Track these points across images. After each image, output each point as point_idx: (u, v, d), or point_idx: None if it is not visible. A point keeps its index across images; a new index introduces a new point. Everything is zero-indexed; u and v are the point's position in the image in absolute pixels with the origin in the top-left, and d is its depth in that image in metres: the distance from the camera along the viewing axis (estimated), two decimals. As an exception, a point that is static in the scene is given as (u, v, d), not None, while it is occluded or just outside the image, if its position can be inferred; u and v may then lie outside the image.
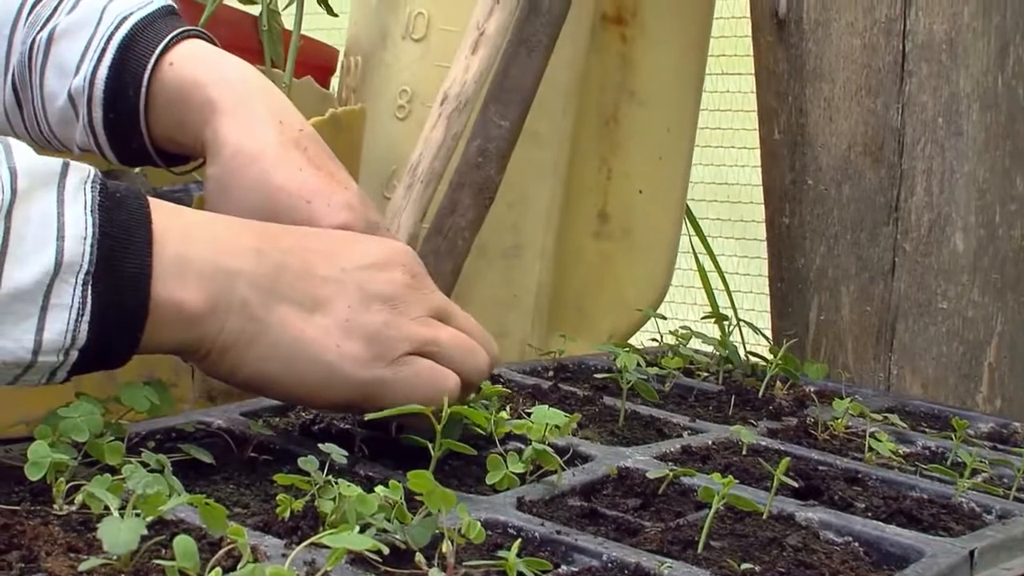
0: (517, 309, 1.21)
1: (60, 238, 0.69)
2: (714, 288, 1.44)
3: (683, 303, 1.69)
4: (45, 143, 0.95)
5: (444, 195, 1.08)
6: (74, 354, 0.70)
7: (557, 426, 0.80)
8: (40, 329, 0.69)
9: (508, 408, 0.88)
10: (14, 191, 0.68)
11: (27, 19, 0.92)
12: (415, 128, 1.14)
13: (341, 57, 1.30)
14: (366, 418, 0.77)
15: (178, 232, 0.73)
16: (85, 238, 0.69)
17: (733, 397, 1.01)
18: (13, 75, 0.93)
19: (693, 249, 1.45)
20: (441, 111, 1.05)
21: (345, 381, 0.76)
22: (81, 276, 0.69)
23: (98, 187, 0.71)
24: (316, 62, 1.28)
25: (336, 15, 1.27)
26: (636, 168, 1.29)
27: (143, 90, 0.89)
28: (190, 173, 0.98)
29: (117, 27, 0.89)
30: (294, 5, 1.20)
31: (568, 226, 1.26)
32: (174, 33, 0.89)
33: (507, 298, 1.20)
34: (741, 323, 1.17)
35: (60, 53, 0.91)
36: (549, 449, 0.77)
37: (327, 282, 0.77)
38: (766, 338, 1.20)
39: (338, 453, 0.74)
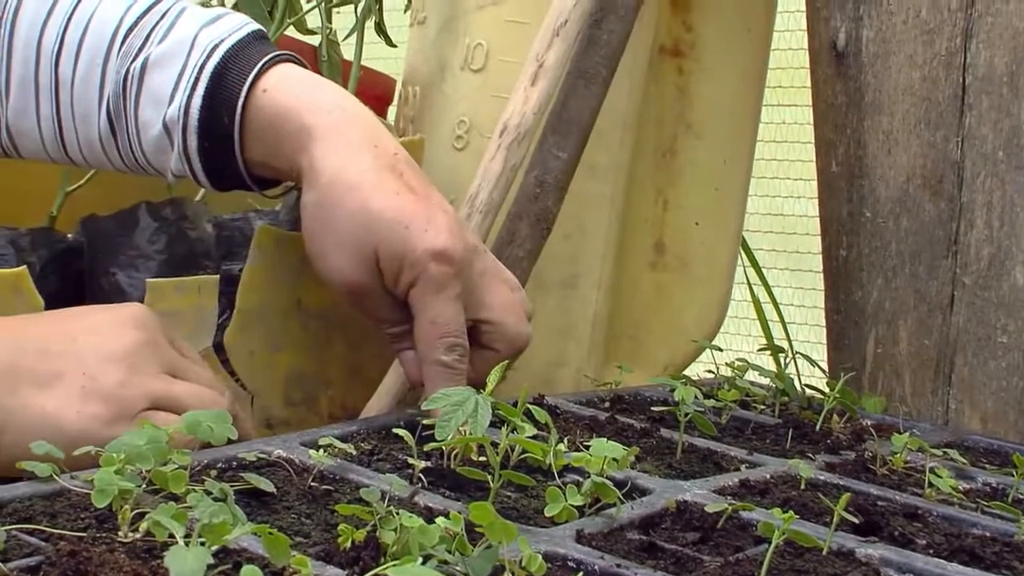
0: (573, 339, 1.21)
1: None
2: (769, 319, 1.44)
3: (737, 334, 1.68)
4: (140, 170, 0.97)
5: (502, 225, 1.09)
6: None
7: (615, 459, 0.80)
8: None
9: (566, 440, 0.88)
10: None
11: (120, 49, 0.93)
12: (473, 158, 1.15)
13: (398, 87, 1.31)
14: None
15: None
16: None
17: (790, 430, 1.00)
18: (108, 105, 0.94)
19: (747, 280, 1.44)
20: (500, 142, 1.06)
21: (90, 443, 0.75)
22: None
23: None
24: (375, 92, 1.29)
25: (395, 45, 1.28)
26: (692, 200, 1.28)
27: (237, 117, 0.90)
28: (250, 202, 1.00)
29: (209, 55, 0.91)
30: (354, 35, 1.21)
31: (624, 257, 1.26)
32: (266, 59, 0.91)
33: (564, 328, 1.20)
34: (797, 355, 1.16)
35: (154, 82, 0.92)
36: (608, 482, 0.77)
37: (61, 356, 0.81)
38: (823, 371, 1.19)
39: (398, 483, 0.74)
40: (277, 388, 0.99)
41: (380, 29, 1.23)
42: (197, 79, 0.91)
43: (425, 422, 0.83)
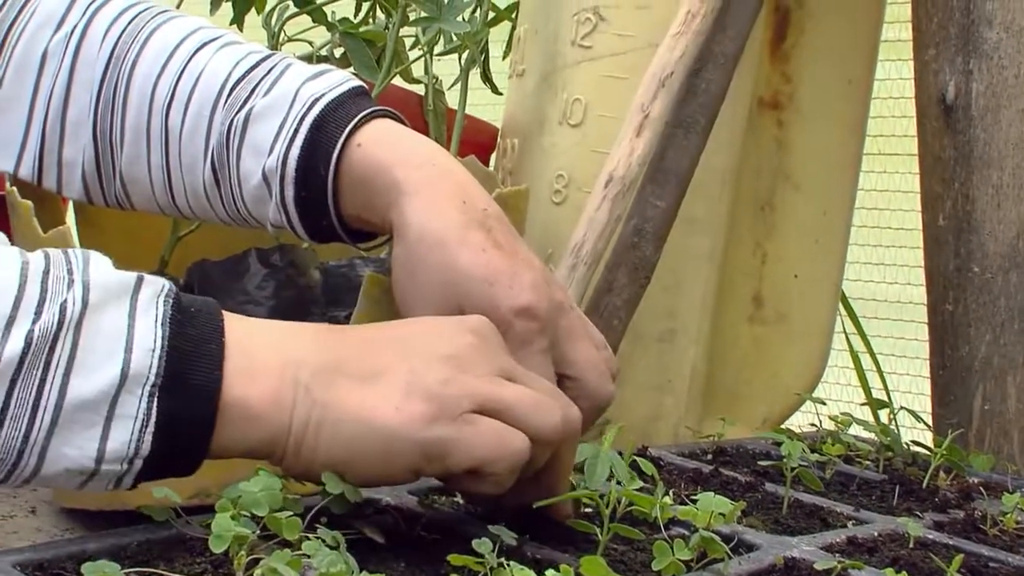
0: (671, 393, 1.20)
1: (128, 350, 0.69)
2: (866, 369, 1.43)
3: (836, 383, 1.67)
4: (242, 220, 0.97)
5: (601, 275, 1.09)
6: (138, 463, 0.71)
7: (722, 513, 0.80)
8: (104, 439, 0.69)
9: (671, 492, 0.88)
10: (85, 303, 0.69)
11: (226, 102, 0.95)
12: (572, 213, 1.15)
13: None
14: (534, 506, 0.77)
15: (244, 335, 0.74)
16: (153, 351, 0.70)
17: (897, 487, 0.99)
18: (212, 156, 0.95)
19: (845, 331, 1.43)
20: (606, 192, 1.06)
21: (405, 443, 0.73)
22: (147, 388, 0.70)
23: (171, 301, 0.72)
24: (479, 140, 1.30)
25: (500, 93, 1.29)
26: (791, 252, 1.28)
27: (331, 170, 0.90)
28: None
29: (309, 108, 0.92)
30: (458, 83, 1.22)
31: (722, 310, 1.25)
32: (363, 113, 0.91)
33: (661, 382, 1.20)
34: (902, 410, 1.15)
35: (256, 134, 0.93)
36: (715, 537, 0.76)
37: (387, 352, 0.76)
38: (927, 425, 1.18)
39: (508, 534, 0.74)
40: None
41: (486, 76, 1.25)
42: (296, 131, 0.91)
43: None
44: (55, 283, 0.70)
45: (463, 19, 1.14)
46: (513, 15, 1.31)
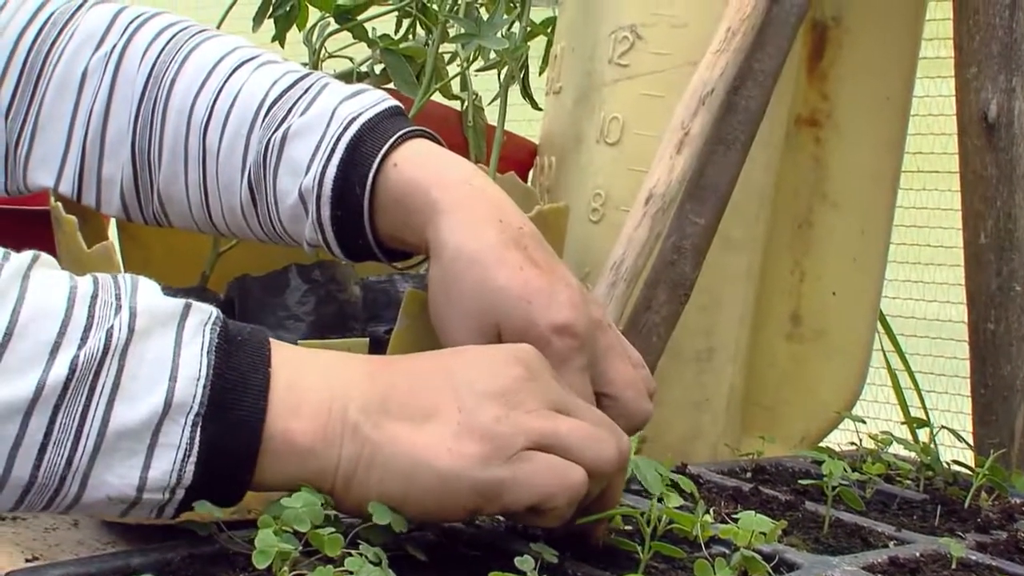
0: (709, 412, 1.20)
1: (172, 378, 0.69)
2: (905, 388, 1.42)
3: (874, 401, 1.66)
4: (277, 238, 0.98)
5: (640, 292, 1.09)
6: (180, 492, 0.71)
7: (763, 532, 0.79)
8: (146, 467, 0.69)
9: (711, 511, 0.87)
10: (131, 330, 0.69)
11: (264, 121, 0.95)
12: (608, 231, 1.15)
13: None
14: (578, 521, 0.77)
15: (291, 366, 0.73)
16: (198, 379, 0.70)
17: (938, 507, 0.98)
18: (249, 174, 0.96)
19: (883, 349, 1.43)
20: (646, 210, 1.06)
21: (462, 484, 0.72)
22: (191, 417, 0.69)
23: (218, 329, 0.72)
24: (518, 157, 1.30)
25: (540, 109, 1.29)
26: (829, 270, 1.28)
27: (368, 190, 0.91)
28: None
29: (346, 127, 0.92)
30: (497, 99, 1.22)
31: (760, 328, 1.25)
32: (400, 133, 0.91)
33: (699, 401, 1.20)
34: (942, 429, 1.14)
35: (292, 153, 0.93)
36: (757, 556, 0.76)
37: (437, 391, 0.75)
38: (968, 444, 1.17)
39: (549, 552, 0.74)
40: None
41: (525, 92, 1.25)
42: (333, 150, 0.91)
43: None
44: (102, 308, 0.70)
45: (502, 35, 1.14)
46: (549, 29, 1.31)
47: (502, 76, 1.19)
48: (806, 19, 1.19)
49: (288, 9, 1.23)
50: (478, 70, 1.19)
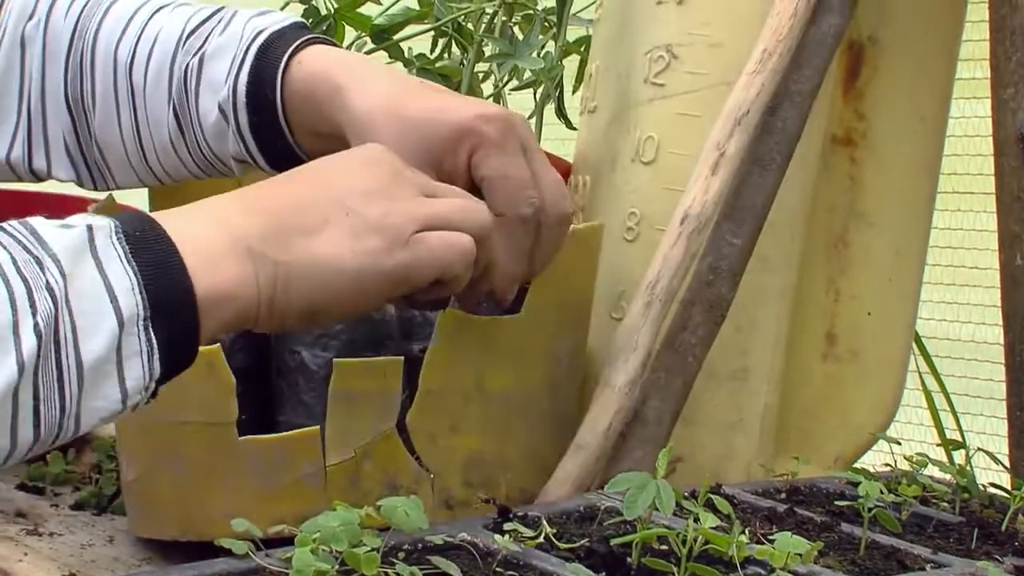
0: (743, 432, 1.19)
1: (113, 299, 0.76)
2: (941, 410, 1.41)
3: (908, 423, 1.66)
4: (207, 164, 1.05)
5: (676, 312, 1.09)
6: (153, 385, 0.78)
7: (799, 553, 0.79)
8: (122, 381, 0.77)
9: (747, 531, 0.87)
10: (63, 275, 0.75)
11: (183, 51, 1.03)
12: (643, 250, 1.15)
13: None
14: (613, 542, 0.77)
15: (185, 231, 0.79)
16: (133, 290, 0.76)
17: (975, 530, 0.98)
18: (174, 102, 1.03)
19: (919, 369, 1.42)
20: (681, 230, 1.06)
21: (374, 277, 0.82)
22: (140, 323, 0.76)
23: (122, 235, 0.78)
24: (553, 175, 1.30)
25: (574, 128, 1.29)
26: (864, 290, 1.27)
27: (278, 89, 0.99)
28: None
29: (254, 39, 1.01)
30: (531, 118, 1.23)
31: (795, 348, 1.24)
32: (304, 38, 1.01)
33: (733, 421, 1.19)
34: (978, 451, 1.13)
35: (210, 73, 1.02)
36: (793, 577, 0.76)
37: (321, 203, 0.83)
38: (1005, 468, 1.16)
39: (584, 572, 0.74)
40: (456, 470, 1.00)
41: (560, 112, 1.25)
42: (243, 60, 1.00)
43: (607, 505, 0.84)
44: (27, 268, 0.74)
45: (537, 55, 1.15)
46: (583, 48, 1.32)
47: (538, 95, 1.19)
48: (843, 38, 1.19)
49: (325, 28, 1.24)
50: (513, 89, 1.20)
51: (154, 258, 0.78)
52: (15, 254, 0.74)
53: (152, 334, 0.76)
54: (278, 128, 0.99)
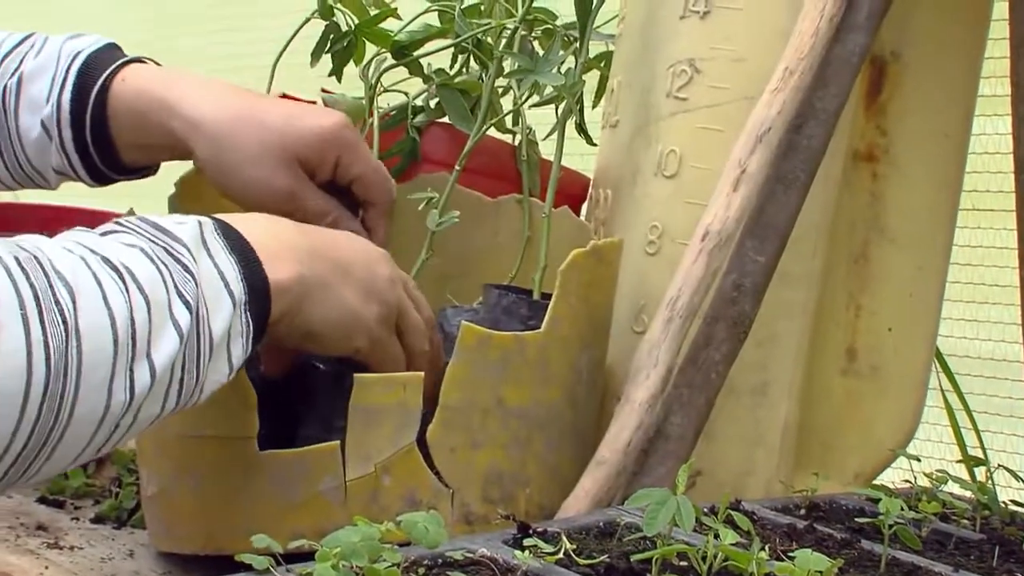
0: (763, 447, 1.19)
1: (226, 284, 0.87)
2: (961, 426, 1.41)
3: (927, 440, 1.65)
4: (25, 177, 1.12)
5: (698, 329, 1.09)
6: (243, 361, 0.89)
7: (820, 571, 0.79)
8: (229, 357, 0.88)
9: (767, 548, 0.87)
10: (194, 260, 0.86)
11: None
12: (665, 264, 1.15)
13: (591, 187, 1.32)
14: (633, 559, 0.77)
15: (254, 232, 0.91)
16: (239, 279, 0.88)
17: (996, 547, 0.97)
18: None
19: (941, 386, 1.41)
20: (702, 246, 1.06)
21: (360, 332, 0.95)
22: (242, 307, 0.88)
23: (219, 230, 0.89)
24: (571, 191, 1.30)
25: (594, 144, 1.29)
26: (885, 306, 1.27)
27: (103, 104, 1.06)
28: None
29: (74, 58, 1.08)
30: (550, 135, 1.23)
31: (815, 363, 1.24)
32: (124, 59, 1.08)
33: (753, 436, 1.19)
34: (999, 468, 1.13)
35: (30, 92, 1.09)
36: (813, 594, 0.76)
37: (351, 251, 0.97)
38: (1025, 485, 1.16)
39: (606, 588, 0.74)
40: (476, 485, 1.00)
41: (580, 128, 1.25)
42: (65, 79, 1.07)
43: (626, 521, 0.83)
44: (160, 255, 0.84)
45: (558, 71, 1.15)
46: (602, 64, 1.32)
47: (559, 111, 1.19)
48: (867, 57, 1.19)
49: (345, 45, 1.24)
50: (533, 105, 1.20)
51: (242, 251, 0.89)
52: (143, 244, 0.84)
53: (248, 317, 0.88)
54: (103, 141, 1.07)
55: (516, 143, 1.25)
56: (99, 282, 0.80)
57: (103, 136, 1.08)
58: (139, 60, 1.09)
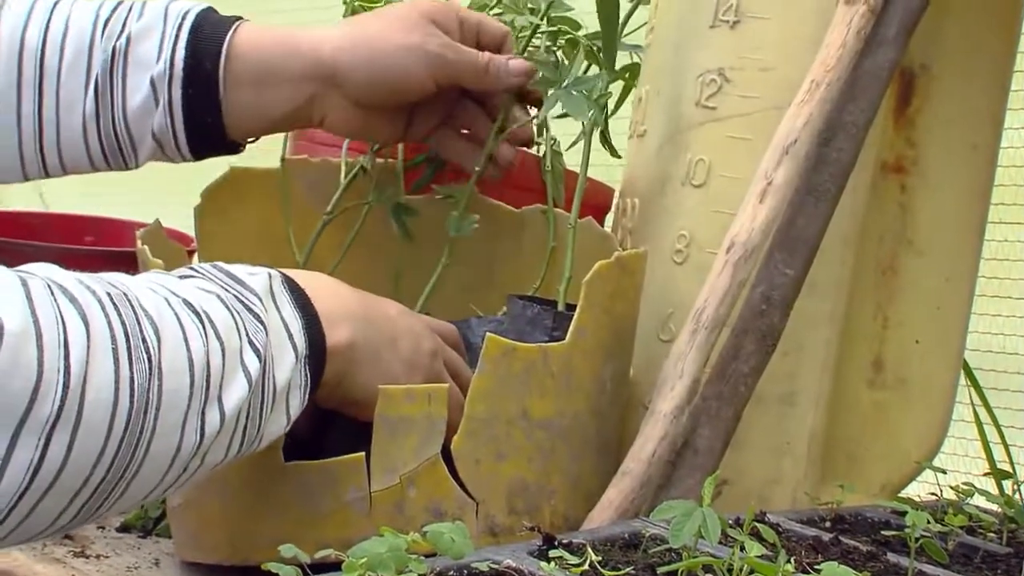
0: (790, 457, 1.19)
1: (290, 337, 0.89)
2: (990, 440, 1.40)
3: (953, 454, 1.64)
4: (114, 150, 1.10)
5: (727, 341, 1.08)
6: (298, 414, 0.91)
7: (846, 584, 0.79)
8: (287, 408, 0.89)
9: (792, 560, 0.87)
10: (265, 310, 0.87)
11: (103, 34, 1.08)
12: (693, 273, 1.15)
13: (615, 197, 1.32)
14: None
15: (317, 292, 0.93)
16: (301, 331, 0.90)
17: (1023, 562, 0.97)
18: (96, 83, 1.08)
19: (971, 400, 1.41)
20: (728, 258, 1.06)
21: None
22: (302, 360, 0.90)
23: (286, 285, 0.91)
24: (594, 201, 1.30)
25: (619, 156, 1.29)
26: (913, 317, 1.26)
27: (221, 61, 1.07)
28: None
29: (183, 17, 1.09)
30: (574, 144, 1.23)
31: (842, 374, 1.24)
32: (236, 17, 1.09)
33: (780, 445, 1.19)
34: (1025, 481, 1.12)
35: (139, 51, 1.08)
36: (839, 609, 0.75)
37: (404, 323, 0.99)
38: (1054, 499, 1.15)
39: (629, 601, 0.74)
40: (500, 496, 1.00)
41: (605, 139, 1.25)
42: (177, 37, 1.07)
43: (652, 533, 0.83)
44: (235, 303, 0.86)
45: (584, 93, 1.15)
46: (627, 75, 1.32)
47: (585, 122, 1.19)
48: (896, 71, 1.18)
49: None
50: (556, 116, 1.20)
51: (304, 307, 0.91)
52: (218, 291, 0.86)
53: (307, 370, 0.90)
54: (213, 101, 1.08)
55: (540, 153, 1.25)
56: (181, 324, 0.81)
57: (216, 93, 1.08)
58: (244, 19, 1.11)
